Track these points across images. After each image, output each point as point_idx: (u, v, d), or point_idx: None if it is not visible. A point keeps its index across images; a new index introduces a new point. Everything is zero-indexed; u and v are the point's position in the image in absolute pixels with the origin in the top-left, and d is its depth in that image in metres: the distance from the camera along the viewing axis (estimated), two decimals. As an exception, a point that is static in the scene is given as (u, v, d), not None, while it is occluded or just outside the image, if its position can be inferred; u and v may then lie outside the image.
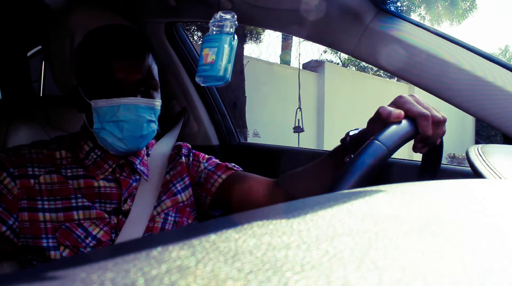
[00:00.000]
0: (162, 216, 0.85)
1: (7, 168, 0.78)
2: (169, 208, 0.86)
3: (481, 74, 0.75)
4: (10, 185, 0.77)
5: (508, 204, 0.28)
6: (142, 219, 0.81)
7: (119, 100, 0.75)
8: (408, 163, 1.01)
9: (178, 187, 0.89)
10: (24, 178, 0.78)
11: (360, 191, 0.31)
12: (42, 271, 0.17)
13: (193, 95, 1.40)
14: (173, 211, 0.87)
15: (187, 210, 0.89)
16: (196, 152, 0.95)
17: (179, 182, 0.90)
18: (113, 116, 0.76)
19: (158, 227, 0.84)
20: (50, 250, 0.76)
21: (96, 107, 0.76)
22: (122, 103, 0.75)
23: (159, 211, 0.85)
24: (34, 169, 0.79)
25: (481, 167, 0.44)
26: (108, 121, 0.76)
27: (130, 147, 0.79)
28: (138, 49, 0.80)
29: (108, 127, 0.76)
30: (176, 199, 0.88)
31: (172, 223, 0.86)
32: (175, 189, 0.88)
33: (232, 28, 0.75)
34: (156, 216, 0.84)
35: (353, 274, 0.16)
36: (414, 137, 0.61)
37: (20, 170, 0.78)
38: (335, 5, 0.86)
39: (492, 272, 0.16)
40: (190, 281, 0.15)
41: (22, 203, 0.76)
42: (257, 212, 0.26)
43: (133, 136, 0.77)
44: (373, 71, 10.45)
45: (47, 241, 0.76)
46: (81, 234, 0.77)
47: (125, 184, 0.83)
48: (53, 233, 0.76)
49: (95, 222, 0.79)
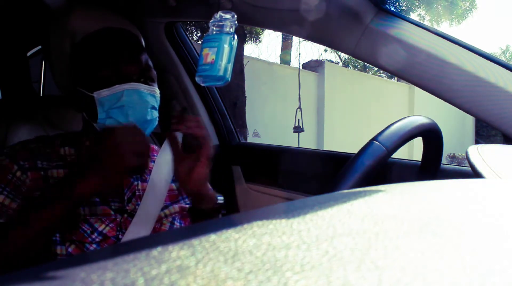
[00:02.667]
0: (169, 220, 0.87)
1: (17, 161, 0.78)
2: (176, 213, 0.88)
3: (482, 74, 0.75)
4: (23, 177, 0.77)
5: (508, 204, 0.28)
6: (148, 221, 0.82)
7: (121, 86, 0.76)
8: (408, 163, 1.01)
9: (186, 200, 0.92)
10: (34, 170, 0.78)
11: (360, 191, 0.31)
12: (42, 271, 0.17)
13: (193, 95, 1.40)
14: (179, 217, 0.89)
15: (188, 219, 0.91)
16: None
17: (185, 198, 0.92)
18: (117, 102, 0.76)
19: (165, 229, 0.85)
20: (57, 245, 0.76)
21: (100, 98, 0.77)
22: (125, 89, 0.76)
23: (167, 213, 0.87)
24: (43, 163, 0.79)
25: (481, 167, 0.44)
26: (113, 107, 0.77)
27: None
28: (135, 46, 0.83)
29: (113, 114, 0.77)
30: (184, 207, 0.90)
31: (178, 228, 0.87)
32: (181, 200, 0.91)
33: (232, 28, 0.75)
34: (163, 218, 0.86)
35: (353, 274, 0.16)
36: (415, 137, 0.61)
37: (30, 163, 0.78)
38: (335, 5, 0.86)
39: (492, 272, 0.16)
40: (190, 281, 0.15)
41: (35, 194, 0.76)
42: (257, 212, 0.26)
43: (138, 120, 0.77)
44: (373, 71, 10.45)
45: (54, 235, 0.76)
46: (87, 229, 0.77)
47: (127, 183, 0.84)
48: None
49: (101, 218, 0.79)
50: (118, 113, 0.77)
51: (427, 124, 0.70)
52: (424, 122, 0.71)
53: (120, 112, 0.76)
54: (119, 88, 0.76)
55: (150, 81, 0.81)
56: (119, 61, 0.78)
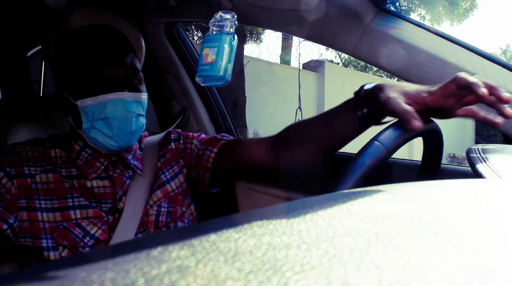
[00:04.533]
0: (155, 209, 0.84)
1: (3, 167, 0.77)
2: (160, 200, 0.85)
3: (481, 74, 0.75)
4: (8, 184, 0.76)
5: (508, 204, 0.28)
6: (135, 214, 0.81)
7: (105, 97, 0.75)
8: (408, 163, 1.00)
9: (167, 176, 0.88)
10: (21, 177, 0.77)
11: (360, 191, 0.31)
12: (42, 271, 0.17)
13: (193, 95, 1.40)
14: (165, 202, 0.85)
15: (179, 198, 0.88)
16: (185, 134, 0.93)
17: (168, 170, 0.88)
18: (101, 113, 0.75)
19: (152, 220, 0.83)
20: (50, 251, 0.75)
21: (83, 107, 0.76)
22: (108, 100, 0.75)
23: (151, 203, 0.84)
24: (30, 168, 0.79)
25: (481, 167, 0.44)
26: (97, 119, 0.75)
27: (121, 144, 0.78)
28: (119, 47, 0.80)
29: (98, 125, 0.76)
30: (166, 189, 0.86)
31: (165, 214, 0.84)
32: (164, 178, 0.87)
33: (232, 28, 0.75)
34: (149, 209, 0.83)
35: (353, 274, 0.16)
36: (415, 137, 0.61)
37: (17, 169, 0.77)
38: (335, 5, 0.86)
39: (492, 272, 0.16)
40: (190, 281, 0.15)
41: (21, 202, 0.76)
42: (257, 212, 0.26)
43: (123, 132, 0.76)
44: (373, 71, 10.44)
45: (46, 241, 0.76)
46: (79, 233, 0.77)
47: (119, 181, 0.83)
48: (51, 233, 0.76)
49: (92, 221, 0.78)
50: (103, 124, 0.75)
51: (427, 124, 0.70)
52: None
53: (104, 124, 0.75)
54: (102, 99, 0.75)
55: (137, 84, 0.80)
56: (101, 63, 0.76)
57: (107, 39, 0.80)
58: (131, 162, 0.84)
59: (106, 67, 0.76)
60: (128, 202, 0.81)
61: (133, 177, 0.85)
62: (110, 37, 0.81)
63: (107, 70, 0.76)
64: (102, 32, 0.81)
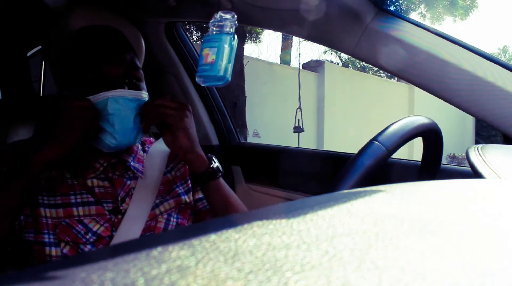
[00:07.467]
0: (165, 217, 0.84)
1: (8, 163, 0.78)
2: (172, 209, 0.86)
3: (481, 74, 0.75)
4: None
5: (508, 204, 0.28)
6: (140, 217, 0.81)
7: (105, 94, 0.75)
8: (408, 163, 1.01)
9: (182, 189, 0.89)
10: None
11: (360, 191, 0.31)
12: (42, 271, 0.17)
13: (193, 95, 1.40)
14: (175, 212, 0.86)
15: (188, 212, 0.89)
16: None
17: (182, 184, 0.90)
18: (103, 110, 0.75)
19: (161, 227, 0.83)
20: (52, 246, 0.76)
21: None
22: (109, 97, 0.75)
23: (162, 210, 0.84)
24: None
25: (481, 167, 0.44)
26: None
27: (121, 141, 0.77)
28: (119, 45, 0.81)
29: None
30: (180, 200, 0.87)
31: (174, 224, 0.85)
32: (179, 190, 0.88)
33: (232, 28, 0.75)
34: (159, 216, 0.84)
35: (353, 274, 0.16)
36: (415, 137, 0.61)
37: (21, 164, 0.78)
38: (335, 5, 0.86)
39: (492, 272, 0.16)
40: (190, 281, 0.15)
41: None
42: (257, 212, 0.26)
43: (124, 128, 0.76)
44: (373, 71, 10.44)
45: (48, 236, 0.76)
46: (81, 230, 0.77)
47: (119, 183, 0.83)
48: (53, 229, 0.76)
49: (95, 218, 0.79)
50: (103, 121, 0.76)
51: (427, 124, 0.70)
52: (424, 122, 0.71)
53: (105, 120, 0.76)
54: (103, 96, 0.75)
55: (137, 81, 0.80)
56: (101, 60, 0.77)
57: (107, 39, 0.81)
58: (131, 165, 0.84)
59: (106, 64, 0.77)
60: (132, 204, 0.81)
61: (138, 179, 0.85)
62: (110, 36, 0.82)
63: (107, 67, 0.77)
64: (102, 32, 0.82)
